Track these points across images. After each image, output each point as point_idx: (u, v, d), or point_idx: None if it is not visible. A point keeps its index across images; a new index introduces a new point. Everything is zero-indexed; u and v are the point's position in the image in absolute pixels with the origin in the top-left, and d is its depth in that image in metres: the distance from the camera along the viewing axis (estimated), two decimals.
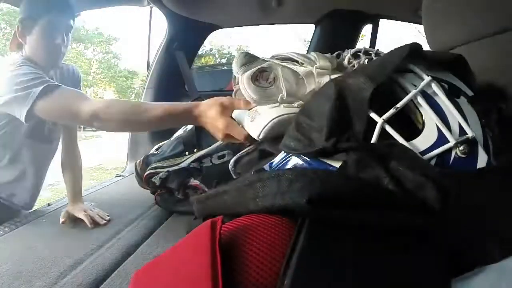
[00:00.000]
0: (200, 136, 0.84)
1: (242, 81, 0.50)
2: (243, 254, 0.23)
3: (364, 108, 0.31)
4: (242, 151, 0.49)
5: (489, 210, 0.27)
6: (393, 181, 0.27)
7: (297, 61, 0.53)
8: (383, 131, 0.31)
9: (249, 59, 0.54)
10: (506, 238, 0.27)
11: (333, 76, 0.46)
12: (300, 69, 0.51)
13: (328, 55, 0.53)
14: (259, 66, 0.51)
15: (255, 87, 0.49)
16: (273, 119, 0.47)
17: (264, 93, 0.49)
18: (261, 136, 0.47)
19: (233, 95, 0.69)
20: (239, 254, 0.23)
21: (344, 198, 0.24)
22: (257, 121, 0.49)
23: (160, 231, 0.68)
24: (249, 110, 0.55)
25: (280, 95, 0.48)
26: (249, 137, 0.51)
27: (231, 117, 0.56)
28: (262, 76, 0.50)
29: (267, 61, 0.53)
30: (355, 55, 0.53)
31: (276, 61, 0.52)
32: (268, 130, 0.47)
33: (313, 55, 0.51)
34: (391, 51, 0.36)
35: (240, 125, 0.56)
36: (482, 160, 0.30)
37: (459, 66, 0.36)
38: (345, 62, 0.53)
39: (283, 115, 0.47)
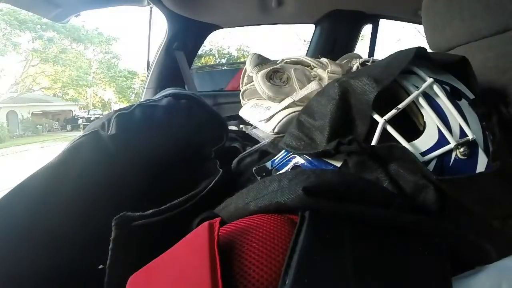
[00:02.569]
0: None
1: (257, 79, 0.52)
2: (243, 254, 0.23)
3: (368, 110, 0.31)
4: (244, 152, 0.50)
5: (488, 212, 0.28)
6: (392, 183, 0.27)
7: (309, 65, 0.55)
8: (384, 131, 0.31)
9: (262, 60, 0.57)
10: (504, 239, 0.27)
11: None
12: (312, 72, 0.53)
13: (338, 61, 0.56)
14: (273, 67, 0.53)
15: (270, 85, 0.52)
16: (289, 114, 0.49)
17: (279, 90, 0.51)
18: (276, 130, 0.49)
19: (240, 95, 0.70)
20: (238, 255, 0.23)
21: (339, 190, 0.24)
22: (269, 116, 0.51)
23: None
24: (255, 107, 0.57)
25: (294, 93, 0.50)
26: None
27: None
28: (276, 75, 0.52)
29: (279, 63, 0.56)
30: (363, 65, 0.56)
31: (288, 64, 0.55)
32: (283, 124, 0.49)
33: (325, 60, 0.54)
34: (396, 53, 0.36)
35: (248, 121, 0.58)
36: (482, 162, 0.30)
37: (461, 68, 0.36)
38: (354, 69, 0.55)
39: (297, 111, 0.49)
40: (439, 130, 0.31)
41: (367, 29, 1.29)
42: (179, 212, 0.33)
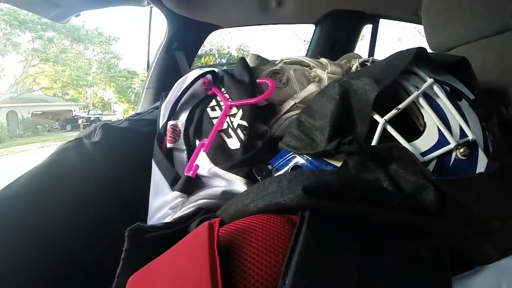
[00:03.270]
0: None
1: None
2: (242, 255, 0.23)
3: (368, 110, 0.31)
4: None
5: (488, 212, 0.28)
6: (392, 183, 0.27)
7: (308, 65, 0.55)
8: (384, 131, 0.31)
9: (261, 61, 0.57)
10: (504, 239, 0.27)
11: None
12: (311, 72, 0.53)
13: (338, 61, 0.56)
14: (272, 68, 0.53)
15: None
16: (291, 116, 0.48)
17: (278, 92, 0.50)
18: (277, 133, 0.49)
19: None
20: (238, 255, 0.23)
21: (339, 190, 0.24)
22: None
23: None
24: None
25: (295, 94, 0.50)
26: None
27: None
28: (275, 77, 0.52)
29: (278, 63, 0.55)
30: (363, 65, 0.55)
31: (287, 64, 0.55)
32: (284, 128, 0.49)
33: (324, 60, 0.54)
34: (396, 54, 0.36)
35: None
36: (482, 162, 0.30)
37: (461, 68, 0.36)
38: (353, 69, 0.55)
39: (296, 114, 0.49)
40: (439, 131, 0.31)
41: (367, 29, 1.29)
42: (189, 224, 0.34)
